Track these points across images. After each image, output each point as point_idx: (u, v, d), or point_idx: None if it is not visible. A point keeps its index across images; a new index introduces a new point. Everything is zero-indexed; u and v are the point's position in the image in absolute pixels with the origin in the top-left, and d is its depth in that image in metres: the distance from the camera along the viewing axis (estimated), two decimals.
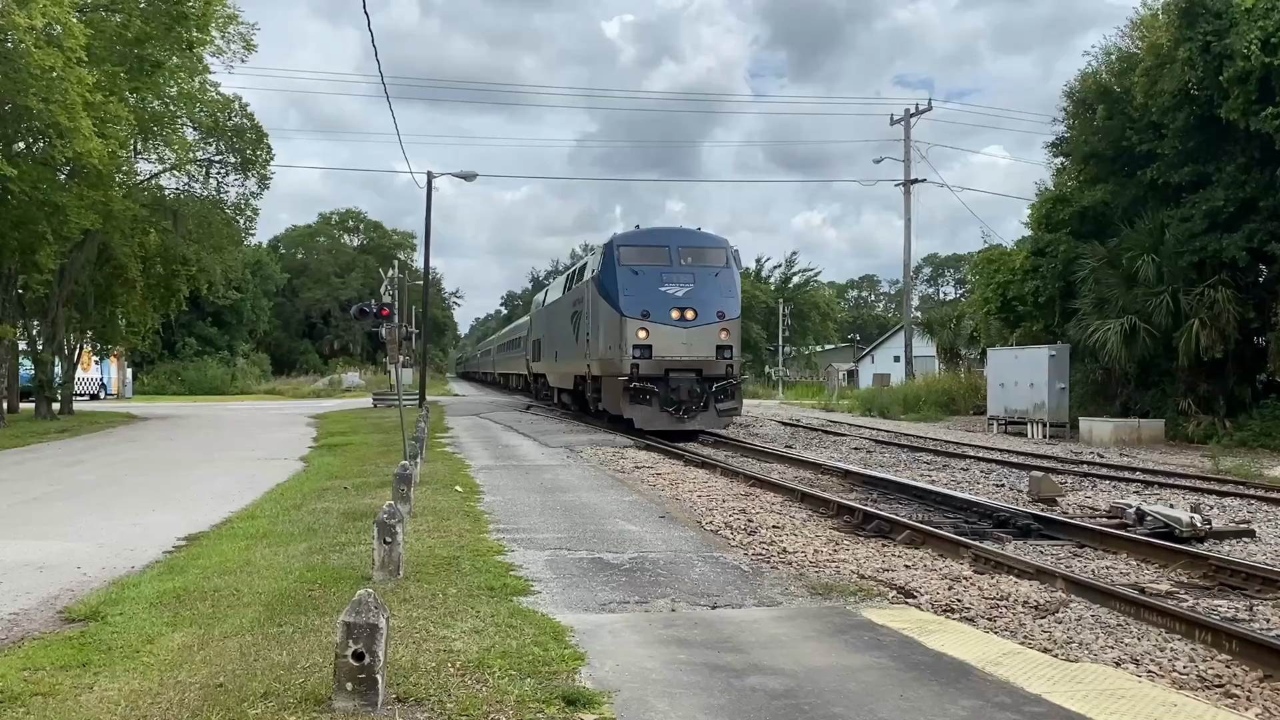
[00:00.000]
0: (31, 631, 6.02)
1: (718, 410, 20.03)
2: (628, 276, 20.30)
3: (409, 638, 5.35)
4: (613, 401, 20.52)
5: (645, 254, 20.79)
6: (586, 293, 22.73)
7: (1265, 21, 18.91)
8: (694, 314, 19.85)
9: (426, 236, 35.47)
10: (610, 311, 20.37)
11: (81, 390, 40.15)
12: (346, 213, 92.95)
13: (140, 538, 9.33)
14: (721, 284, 20.55)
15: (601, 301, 20.99)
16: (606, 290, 20.69)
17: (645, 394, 19.50)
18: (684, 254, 20.76)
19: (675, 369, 19.63)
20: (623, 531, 9.20)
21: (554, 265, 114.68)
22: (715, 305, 20.14)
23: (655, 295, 19.92)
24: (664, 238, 21.43)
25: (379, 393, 41.13)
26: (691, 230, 22.27)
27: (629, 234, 22.18)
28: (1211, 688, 5.19)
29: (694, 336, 19.80)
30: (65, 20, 20.63)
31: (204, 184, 32.55)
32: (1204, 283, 21.35)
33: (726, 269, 21.00)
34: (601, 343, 21.05)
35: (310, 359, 78.70)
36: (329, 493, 11.98)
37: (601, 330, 21.01)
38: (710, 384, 19.83)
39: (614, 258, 20.76)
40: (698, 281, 20.22)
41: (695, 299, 19.99)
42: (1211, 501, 12.11)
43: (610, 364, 20.45)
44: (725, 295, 20.46)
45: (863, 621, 6.02)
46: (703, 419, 19.92)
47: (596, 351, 21.55)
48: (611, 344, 20.23)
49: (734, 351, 20.25)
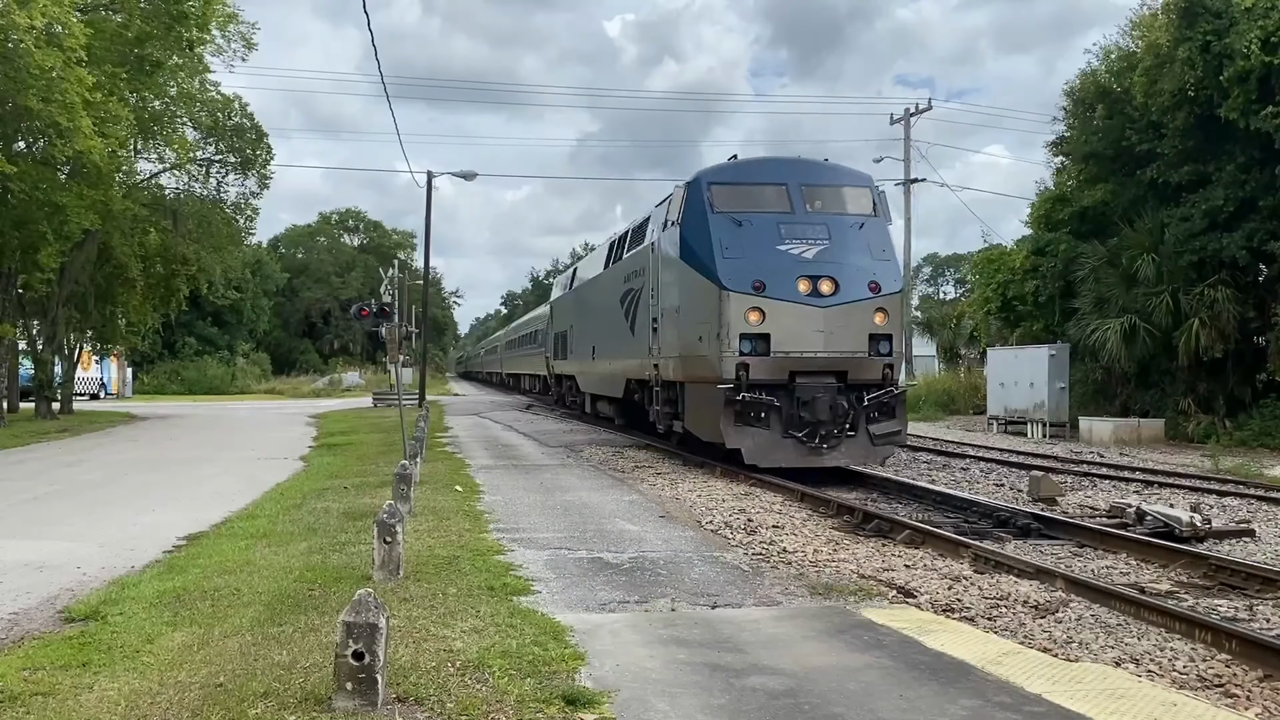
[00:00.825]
0: (31, 631, 6.02)
1: (872, 436, 13.16)
2: (727, 229, 13.58)
3: (409, 637, 5.35)
4: (703, 419, 13.99)
5: (752, 197, 14.11)
6: (651, 261, 16.35)
7: (1265, 21, 18.91)
8: (833, 286, 13.11)
9: (426, 236, 35.49)
10: (699, 283, 13.81)
11: (81, 390, 40.13)
12: (346, 212, 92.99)
13: (140, 537, 9.33)
14: (870, 240, 13.84)
15: (680, 269, 14.49)
16: (691, 251, 14.09)
17: (759, 410, 12.82)
18: (811, 195, 14.16)
19: (806, 371, 13.02)
20: (623, 531, 9.21)
21: (554, 265, 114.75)
22: (865, 272, 13.40)
23: (772, 258, 13.23)
24: (779, 172, 14.57)
25: (379, 392, 41.11)
26: (817, 162, 15.31)
27: (723, 168, 15.11)
28: (1211, 688, 5.19)
29: (835, 320, 13.05)
30: (65, 20, 20.63)
31: (204, 184, 32.57)
32: (1204, 282, 21.33)
33: (875, 219, 14.20)
34: (681, 331, 14.52)
35: (310, 359, 78.69)
36: (329, 492, 11.98)
37: (682, 313, 14.54)
38: (861, 394, 13.12)
39: (705, 202, 13.95)
40: (835, 236, 13.58)
41: (834, 262, 13.31)
42: (1211, 501, 12.11)
43: (698, 363, 13.87)
44: (878, 257, 13.73)
45: (863, 621, 6.02)
46: (850, 450, 13.19)
47: (670, 344, 15.11)
48: (702, 333, 13.62)
49: (895, 344, 13.50)
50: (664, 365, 15.63)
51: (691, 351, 14.08)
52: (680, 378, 14.87)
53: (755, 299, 13.03)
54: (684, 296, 14.48)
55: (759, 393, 12.86)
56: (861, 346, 13.17)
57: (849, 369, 13.15)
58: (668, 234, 15.26)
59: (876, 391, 13.19)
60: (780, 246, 13.33)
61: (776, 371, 13.00)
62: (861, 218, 14.07)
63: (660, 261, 15.69)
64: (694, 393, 14.43)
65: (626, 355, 18.33)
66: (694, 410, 14.46)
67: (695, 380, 14.22)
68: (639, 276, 17.35)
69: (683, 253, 14.38)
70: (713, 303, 13.28)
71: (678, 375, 14.96)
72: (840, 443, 13.01)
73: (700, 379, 13.95)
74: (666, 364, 15.44)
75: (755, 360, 12.98)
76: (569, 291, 26.95)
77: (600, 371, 21.74)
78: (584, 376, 24.33)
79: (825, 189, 14.45)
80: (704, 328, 13.57)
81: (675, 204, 15.04)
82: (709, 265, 13.48)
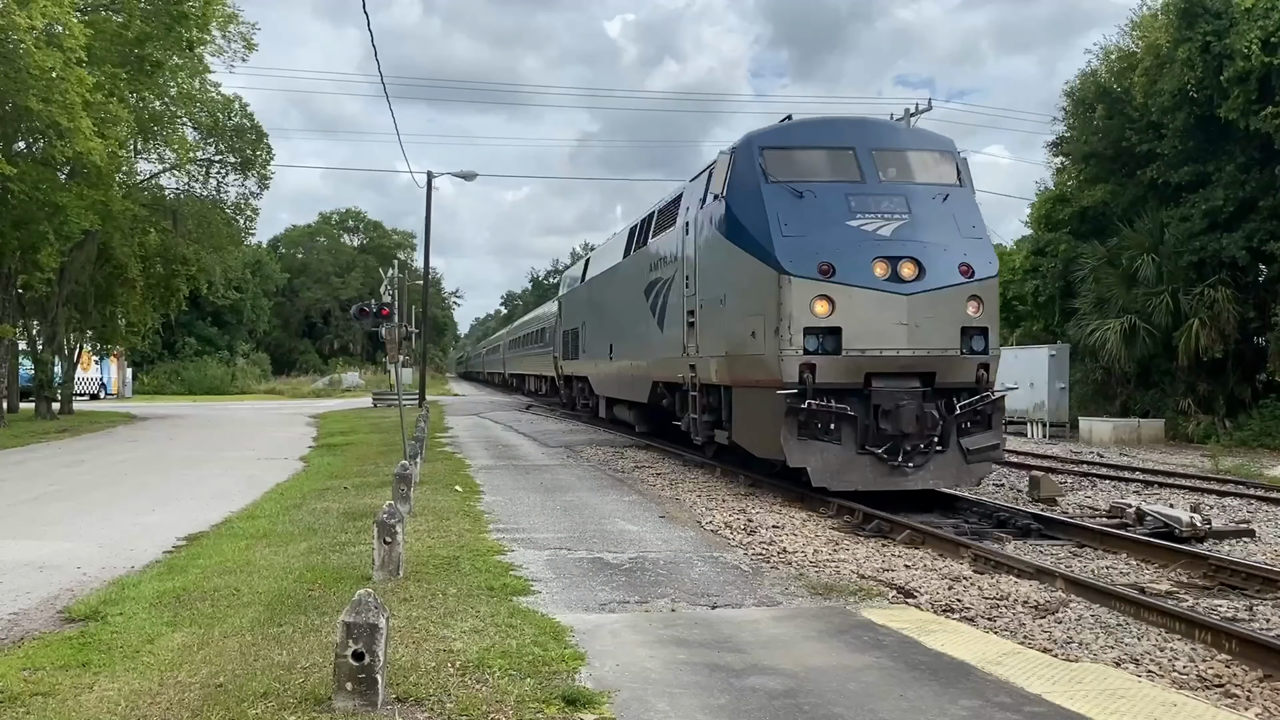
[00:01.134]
0: (31, 631, 6.03)
1: (965, 451, 11.01)
2: (786, 202, 11.36)
3: (409, 638, 5.35)
4: (756, 431, 11.82)
5: (813, 163, 11.90)
6: (685, 244, 14.13)
7: (1265, 21, 18.93)
8: (916, 269, 10.92)
9: (426, 236, 35.51)
10: (751, 267, 11.57)
11: (81, 390, 40.15)
12: (347, 212, 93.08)
13: (140, 537, 9.33)
14: (958, 214, 11.65)
15: (726, 251, 12.27)
16: (741, 229, 11.87)
17: (828, 421, 10.74)
18: (884, 161, 11.96)
19: (885, 373, 10.88)
20: (623, 531, 9.21)
21: (554, 265, 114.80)
22: (954, 253, 11.22)
23: (841, 236, 11.09)
24: (844, 134, 12.23)
25: (379, 392, 41.13)
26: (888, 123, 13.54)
27: (778, 129, 12.74)
28: (1211, 687, 5.19)
29: (921, 310, 10.83)
30: (66, 20, 20.63)
31: (204, 184, 32.61)
32: (1204, 282, 21.35)
33: (960, 189, 12.04)
34: (727, 326, 12.34)
35: (310, 359, 78.74)
36: (329, 492, 11.99)
37: (728, 303, 12.31)
38: (951, 400, 11.01)
39: (757, 170, 11.73)
40: (915, 210, 11.38)
41: (916, 241, 11.13)
42: (1211, 501, 12.11)
43: (750, 364, 11.66)
44: (967, 234, 11.51)
45: (863, 621, 6.02)
46: (940, 469, 10.97)
47: (713, 341, 12.87)
48: (755, 327, 11.43)
49: (990, 339, 11.33)
50: (703, 366, 13.38)
51: (741, 350, 11.83)
52: (726, 381, 12.63)
53: (823, 285, 10.74)
54: (731, 284, 12.21)
55: (827, 399, 10.67)
56: (952, 342, 10.98)
57: (937, 370, 10.97)
58: (708, 210, 12.99)
59: (970, 397, 11.03)
60: (851, 222, 11.11)
61: (849, 373, 10.79)
62: (944, 188, 11.84)
63: (698, 244, 13.46)
64: (744, 399, 12.14)
65: (653, 354, 16.21)
66: (744, 420, 12.20)
67: (746, 384, 12.00)
68: (669, 264, 15.13)
69: (729, 231, 12.14)
70: (769, 290, 11.04)
71: (722, 378, 12.73)
72: (928, 460, 10.84)
73: (753, 383, 11.69)
74: (707, 364, 13.22)
75: (823, 360, 10.75)
76: (581, 285, 24.64)
77: (619, 373, 19.38)
78: (599, 378, 22.09)
79: (900, 154, 12.21)
80: (757, 321, 11.34)
81: (719, 174, 12.56)
82: (764, 245, 11.21)
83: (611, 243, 22.24)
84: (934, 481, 11.08)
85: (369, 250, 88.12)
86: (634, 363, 17.87)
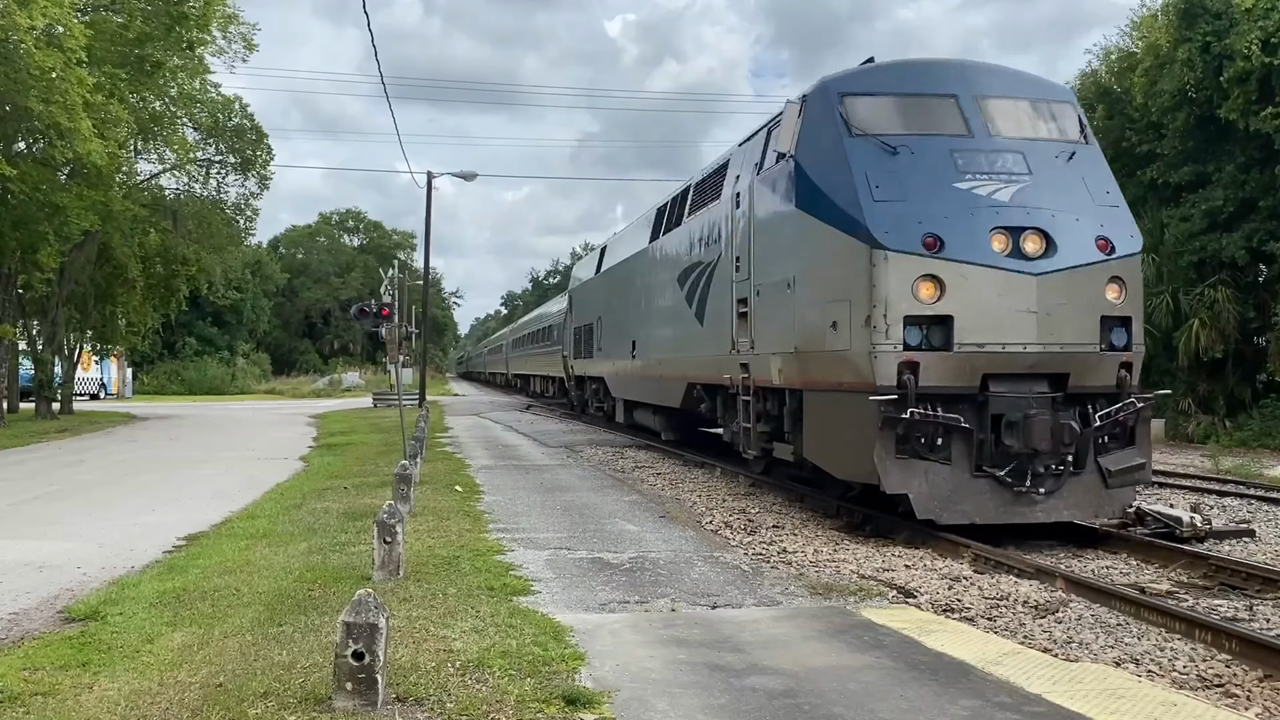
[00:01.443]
0: (31, 631, 6.03)
1: (1106, 473, 8.95)
2: (876, 159, 9.24)
3: (409, 637, 5.35)
4: (838, 446, 9.67)
5: (908, 113, 9.70)
6: (733, 220, 12.11)
7: (1265, 21, 18.93)
8: (1043, 243, 8.85)
9: (426, 236, 35.49)
10: (831, 240, 9.46)
11: (81, 390, 40.17)
12: (347, 212, 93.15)
13: (140, 537, 9.33)
14: (1087, 176, 9.58)
15: (797, 222, 10.13)
16: (817, 194, 9.72)
17: (935, 434, 8.69)
18: (993, 112, 9.71)
19: (1006, 374, 8.79)
20: (623, 531, 9.21)
21: (554, 265, 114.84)
22: (1089, 223, 9.13)
23: (948, 201, 8.97)
24: (944, 78, 10.07)
25: (379, 392, 41.13)
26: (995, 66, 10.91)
27: (861, 73, 10.43)
28: (1211, 688, 5.18)
29: (1052, 295, 8.75)
30: (66, 21, 20.63)
31: (204, 184, 32.64)
32: (1204, 283, 21.36)
33: (1087, 147, 10.00)
34: (797, 314, 10.16)
35: (310, 359, 78.79)
36: (329, 492, 11.99)
37: (798, 287, 10.12)
38: (1087, 409, 8.93)
39: (837, 120, 9.59)
40: (1036, 171, 9.26)
41: (1042, 208, 8.98)
42: (1211, 501, 12.10)
43: (830, 362, 9.52)
44: (1101, 200, 9.45)
45: (863, 621, 6.02)
46: (1076, 495, 8.90)
47: (775, 334, 10.76)
48: (836, 316, 9.28)
49: (1135, 331, 9.24)
50: (760, 365, 11.25)
51: (816, 345, 9.64)
52: (793, 383, 10.39)
53: (928, 261, 8.61)
54: (803, 263, 10.03)
55: (931, 407, 8.49)
56: (1091, 336, 8.82)
57: (1071, 370, 8.81)
58: (770, 175, 10.92)
59: (1110, 404, 8.90)
60: (959, 184, 8.97)
61: (961, 375, 8.62)
62: (1069, 144, 9.77)
63: (754, 218, 11.38)
64: (820, 406, 9.85)
65: (689, 351, 14.13)
66: (820, 433, 9.92)
67: (823, 387, 9.70)
68: (711, 245, 13.12)
69: (800, 197, 10.00)
70: (857, 269, 8.85)
71: (788, 379, 10.49)
72: (1061, 484, 8.73)
73: (832, 385, 9.46)
74: (765, 363, 11.04)
75: (928, 357, 8.59)
76: (597, 276, 22.40)
77: (643, 373, 17.35)
78: (618, 379, 19.95)
79: (1012, 103, 9.94)
80: (839, 308, 9.15)
81: (786, 128, 10.25)
82: (850, 212, 9.03)
83: (633, 227, 19.83)
84: (1069, 512, 8.93)
85: (369, 250, 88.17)
86: (663, 361, 15.85)
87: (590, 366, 23.36)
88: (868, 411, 8.64)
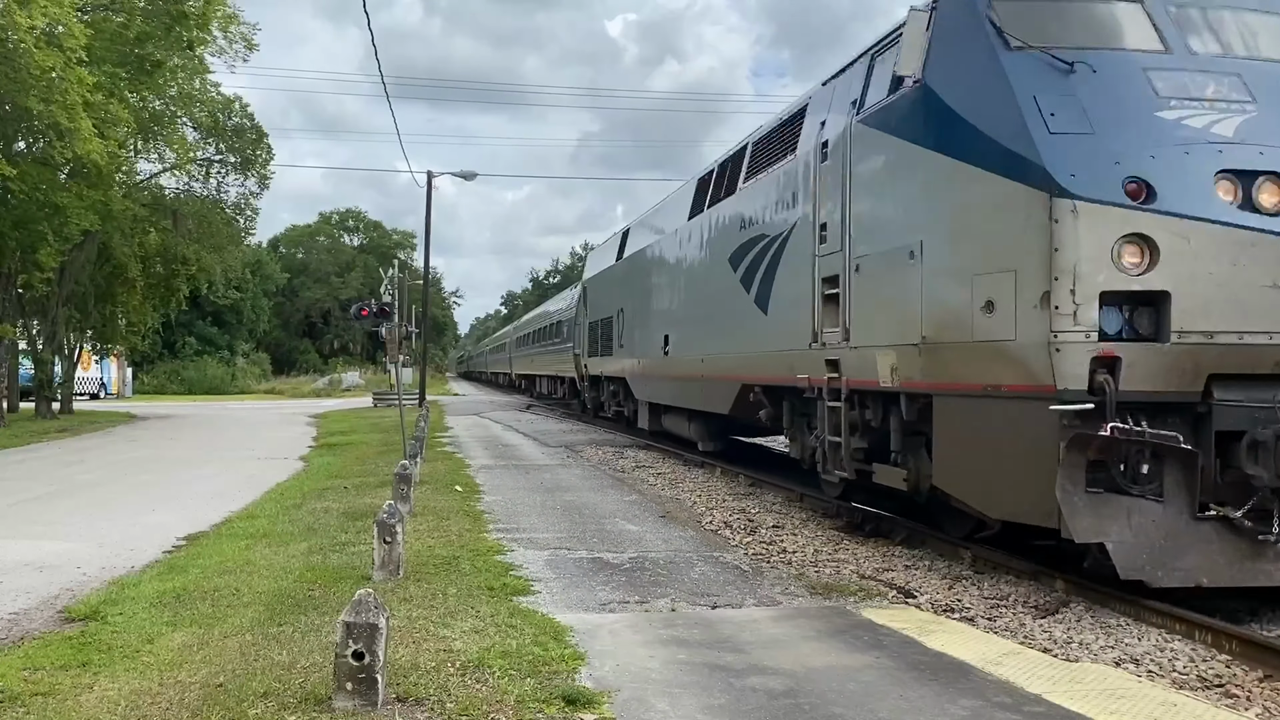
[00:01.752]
0: (31, 631, 6.03)
1: None
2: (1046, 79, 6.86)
3: (409, 637, 5.35)
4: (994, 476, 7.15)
5: (1079, 22, 7.33)
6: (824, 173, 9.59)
7: None
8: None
9: (426, 236, 35.50)
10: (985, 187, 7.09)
11: (81, 390, 40.17)
12: (347, 212, 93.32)
13: (140, 537, 9.33)
14: None
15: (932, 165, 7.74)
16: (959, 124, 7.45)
17: (1138, 459, 6.20)
18: (1196, 23, 7.37)
19: (1239, 376, 6.36)
20: (623, 531, 9.21)
21: (554, 265, 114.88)
22: None
23: (1148, 132, 6.59)
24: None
25: (379, 392, 41.15)
26: None
27: None
28: (1211, 688, 5.18)
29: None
30: (66, 20, 20.63)
31: (204, 184, 32.64)
32: None
33: None
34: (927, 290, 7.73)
35: (310, 358, 78.86)
36: (329, 492, 11.99)
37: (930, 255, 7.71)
38: None
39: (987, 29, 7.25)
40: (1263, 97, 6.85)
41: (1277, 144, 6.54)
42: None
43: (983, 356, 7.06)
44: None
45: (863, 621, 6.02)
46: None
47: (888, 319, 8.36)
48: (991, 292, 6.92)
49: None
50: (856, 361, 8.79)
51: (957, 333, 7.27)
52: (915, 383, 7.85)
53: (1134, 216, 6.35)
54: (936, 222, 7.59)
55: (1134, 419, 6.23)
56: None
57: None
58: (880, 113, 8.47)
59: None
60: (1162, 113, 6.71)
61: (1179, 375, 6.34)
62: None
63: (851, 170, 8.91)
64: (963, 417, 7.38)
65: (746, 346, 11.83)
66: (962, 453, 7.47)
67: (966, 391, 7.24)
68: (779, 212, 10.76)
69: (934, 134, 7.63)
70: (1029, 224, 6.59)
71: (906, 378, 7.96)
72: None
73: (984, 387, 6.99)
74: (867, 358, 8.56)
75: (1133, 351, 6.33)
76: (619, 263, 20.05)
77: (679, 372, 15.07)
78: (645, 379, 17.66)
79: (1217, 14, 7.47)
80: (996, 282, 6.83)
81: (910, 47, 7.81)
82: (1015, 147, 6.77)
83: (665, 205, 17.34)
84: None
85: (369, 250, 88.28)
86: (707, 359, 13.47)
87: (609, 365, 21.22)
88: (1044, 426, 6.41)
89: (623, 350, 19.45)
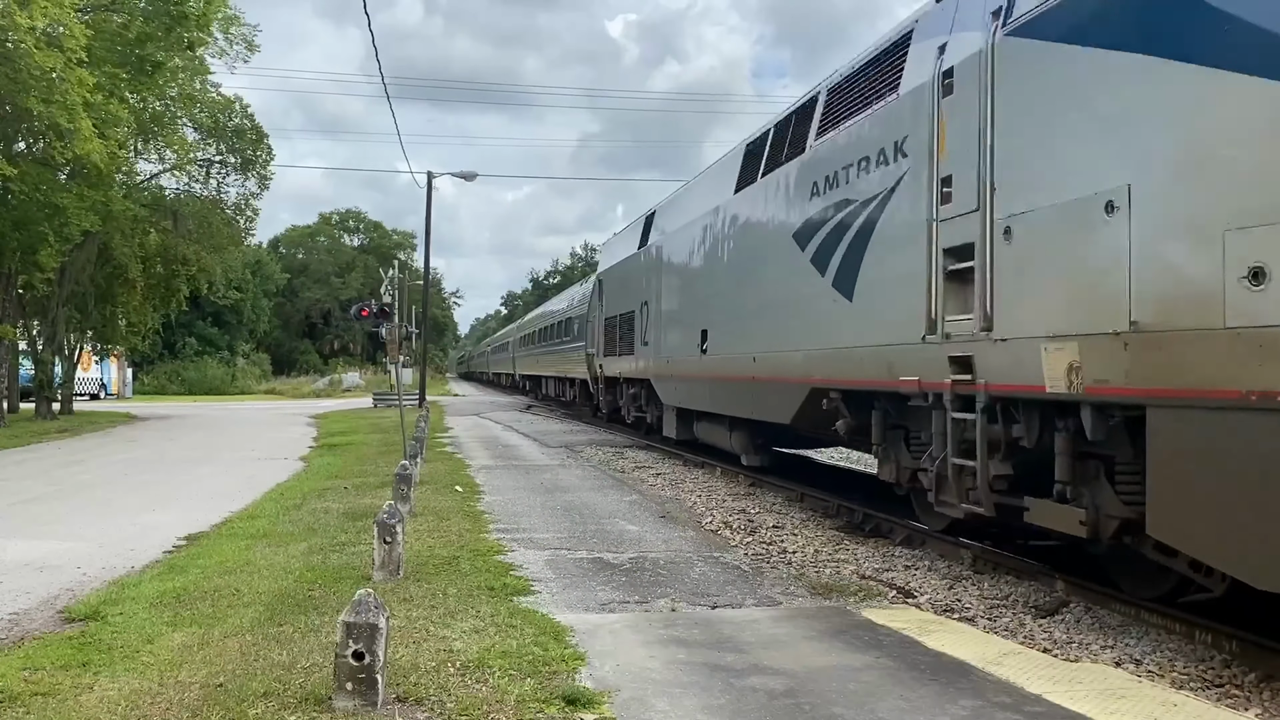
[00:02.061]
0: (31, 631, 6.03)
1: None
2: None
3: (409, 638, 5.35)
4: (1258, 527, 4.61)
5: None
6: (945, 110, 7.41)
7: None
8: None
9: (427, 236, 35.51)
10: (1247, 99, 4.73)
11: (81, 390, 40.16)
12: (347, 213, 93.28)
13: (140, 537, 9.33)
14: None
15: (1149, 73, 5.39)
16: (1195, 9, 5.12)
17: None
18: None
19: None
20: (623, 531, 9.21)
21: (554, 265, 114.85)
22: None
23: None
24: None
25: (379, 393, 41.14)
26: None
27: None
28: (1211, 688, 5.19)
29: None
30: (66, 21, 20.63)
31: (204, 184, 32.63)
32: None
33: None
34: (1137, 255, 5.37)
35: (310, 359, 78.87)
36: (329, 493, 11.99)
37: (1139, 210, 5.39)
38: None
39: None
40: None
41: None
42: None
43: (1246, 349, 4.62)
44: None
45: (863, 621, 6.02)
46: None
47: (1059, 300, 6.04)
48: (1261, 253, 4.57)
49: None
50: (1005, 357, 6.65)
51: (1196, 317, 5.06)
52: (1112, 388, 5.66)
53: None
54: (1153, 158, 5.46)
55: None
56: None
57: None
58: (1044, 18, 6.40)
59: None
60: None
61: None
62: None
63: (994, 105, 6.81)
64: (1215, 438, 5.02)
65: (820, 340, 9.73)
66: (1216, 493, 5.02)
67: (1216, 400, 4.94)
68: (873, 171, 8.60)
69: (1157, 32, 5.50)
70: None
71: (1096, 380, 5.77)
72: None
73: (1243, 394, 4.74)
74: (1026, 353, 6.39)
75: None
76: (642, 249, 17.96)
77: (720, 373, 12.97)
78: (674, 382, 15.68)
79: None
80: (1265, 238, 4.69)
81: None
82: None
83: (701, 181, 15.28)
84: None
85: (369, 250, 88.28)
86: (760, 358, 11.37)
87: (628, 366, 18.91)
88: None
89: (646, 348, 17.24)
